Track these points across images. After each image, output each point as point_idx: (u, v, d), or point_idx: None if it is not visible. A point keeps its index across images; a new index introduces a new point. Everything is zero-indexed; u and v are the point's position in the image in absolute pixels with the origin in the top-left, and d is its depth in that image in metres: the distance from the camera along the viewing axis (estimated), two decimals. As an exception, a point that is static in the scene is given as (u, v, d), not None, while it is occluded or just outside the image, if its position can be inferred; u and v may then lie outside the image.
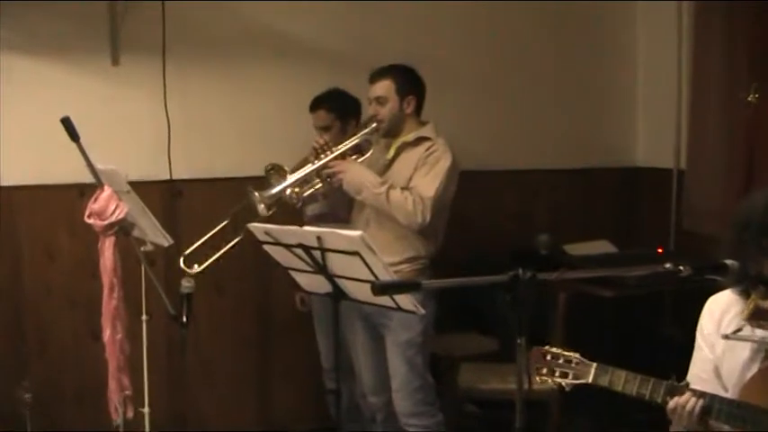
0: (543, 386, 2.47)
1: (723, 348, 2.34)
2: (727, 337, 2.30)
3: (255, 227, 3.07)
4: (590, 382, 2.35)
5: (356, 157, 3.64)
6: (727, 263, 2.24)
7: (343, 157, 3.58)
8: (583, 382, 2.36)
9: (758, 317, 2.26)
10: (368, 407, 3.91)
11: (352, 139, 3.60)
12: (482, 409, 4.28)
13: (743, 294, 2.30)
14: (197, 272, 3.35)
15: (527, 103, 4.91)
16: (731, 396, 2.29)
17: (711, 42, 4.50)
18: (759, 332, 2.28)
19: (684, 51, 4.76)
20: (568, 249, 4.48)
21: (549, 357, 2.41)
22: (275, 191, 3.46)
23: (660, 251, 4.53)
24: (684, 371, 2.41)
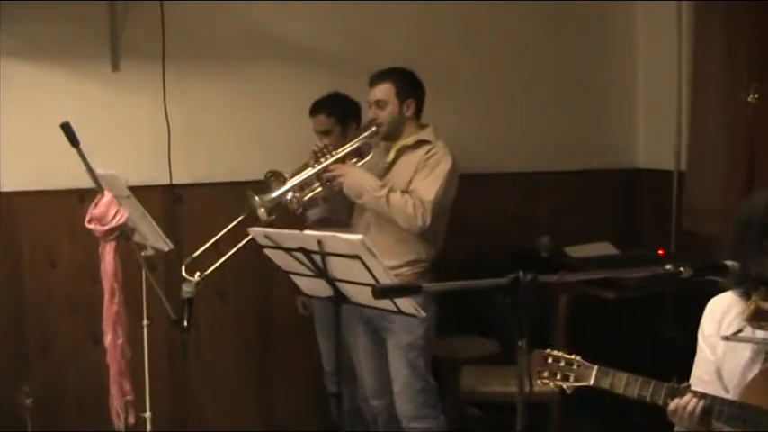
0: (544, 388, 2.47)
1: (724, 349, 2.34)
2: (727, 338, 2.30)
3: (256, 231, 3.07)
4: (591, 384, 2.35)
5: (356, 160, 3.63)
6: (728, 264, 2.24)
7: (343, 160, 3.58)
8: (584, 384, 2.36)
9: (759, 318, 2.26)
10: (369, 410, 3.91)
11: (352, 143, 3.60)
12: (484, 411, 4.28)
13: (743, 295, 2.30)
14: (198, 280, 3.34)
15: (527, 105, 4.90)
16: (732, 397, 2.29)
17: (711, 42, 4.50)
18: (760, 333, 2.28)
19: (684, 52, 4.76)
20: (569, 251, 4.48)
21: (551, 360, 2.41)
22: (275, 195, 3.46)
23: (661, 253, 4.53)
24: (686, 372, 2.41)
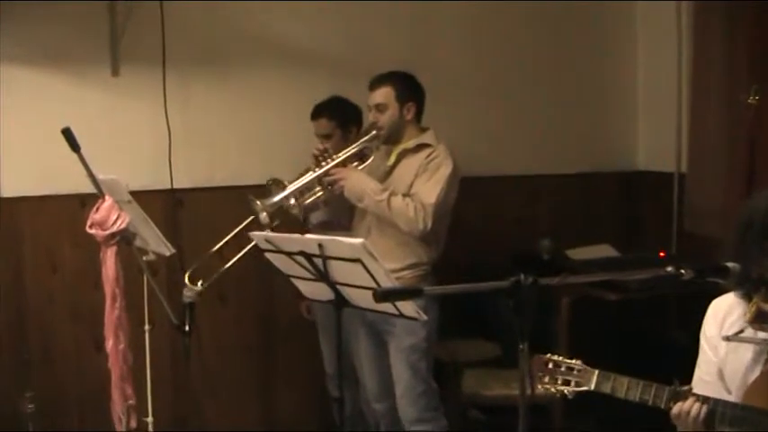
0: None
1: (726, 350, 2.34)
2: (728, 338, 2.30)
3: (257, 235, 3.07)
4: (592, 389, 2.34)
5: (357, 164, 3.64)
6: (729, 265, 2.23)
7: (343, 164, 3.58)
8: (585, 389, 2.35)
9: (761, 319, 2.25)
10: (372, 413, 3.91)
11: (353, 147, 3.61)
12: (486, 414, 4.28)
13: (745, 297, 2.29)
14: (201, 289, 3.32)
15: (527, 108, 4.90)
16: (735, 398, 2.28)
17: (711, 44, 4.49)
18: (762, 334, 2.27)
19: (684, 53, 4.75)
20: (570, 254, 4.48)
21: (551, 365, 2.40)
22: (277, 199, 3.46)
23: (662, 255, 4.53)
24: (689, 373, 2.41)
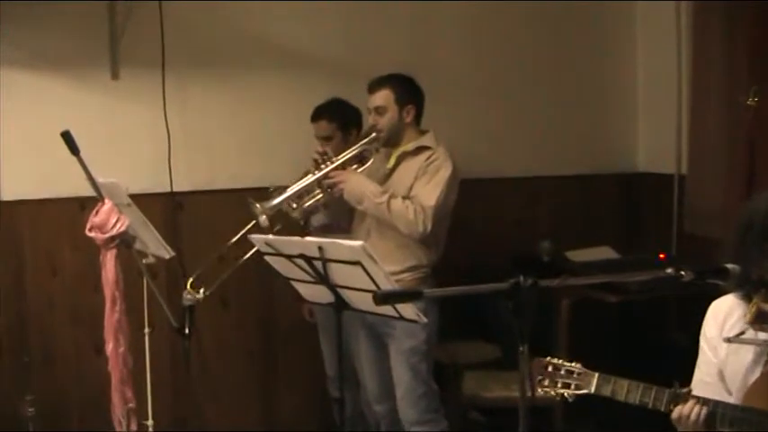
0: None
1: (726, 352, 2.34)
2: (729, 340, 2.30)
3: (257, 238, 3.07)
4: (592, 392, 2.34)
5: (356, 166, 3.63)
6: (729, 267, 2.23)
7: (343, 167, 3.58)
8: (585, 392, 2.35)
9: (761, 320, 2.25)
10: (372, 415, 3.91)
11: (352, 150, 3.60)
12: (486, 416, 4.28)
13: (745, 298, 2.29)
14: (202, 297, 3.31)
15: (527, 110, 4.90)
16: (735, 400, 2.28)
17: (711, 45, 4.49)
18: (762, 335, 2.27)
19: (684, 54, 4.76)
20: (570, 256, 4.48)
21: (551, 368, 2.40)
22: (276, 202, 3.45)
23: (662, 256, 4.53)
24: (689, 375, 2.41)
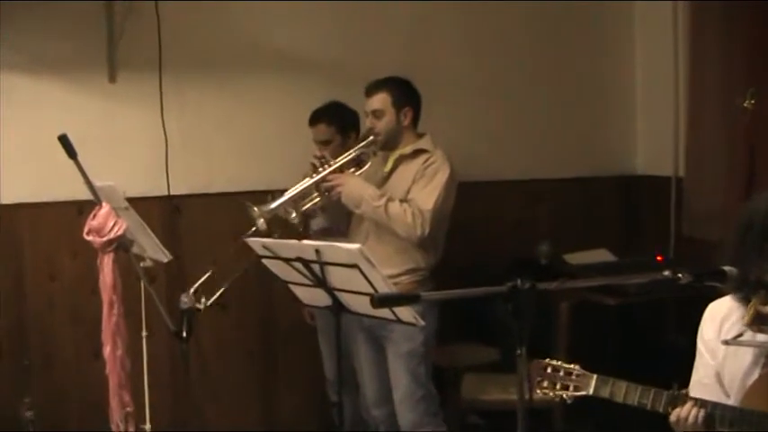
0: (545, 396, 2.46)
1: (724, 354, 2.33)
2: (727, 342, 2.30)
3: (254, 241, 3.07)
4: (591, 393, 2.34)
5: (354, 170, 3.63)
6: (726, 269, 2.23)
7: (341, 170, 3.58)
8: (583, 393, 2.35)
9: (759, 322, 2.25)
10: (372, 419, 3.90)
11: (350, 153, 3.60)
12: (485, 419, 4.28)
13: (743, 300, 2.29)
14: (204, 307, 3.30)
15: (525, 112, 4.90)
16: (733, 401, 2.28)
17: (708, 46, 4.48)
18: (760, 337, 2.27)
19: (681, 57, 4.76)
20: (568, 258, 4.48)
21: (550, 370, 2.40)
22: (274, 205, 3.46)
23: (659, 259, 4.53)
24: (688, 377, 2.41)
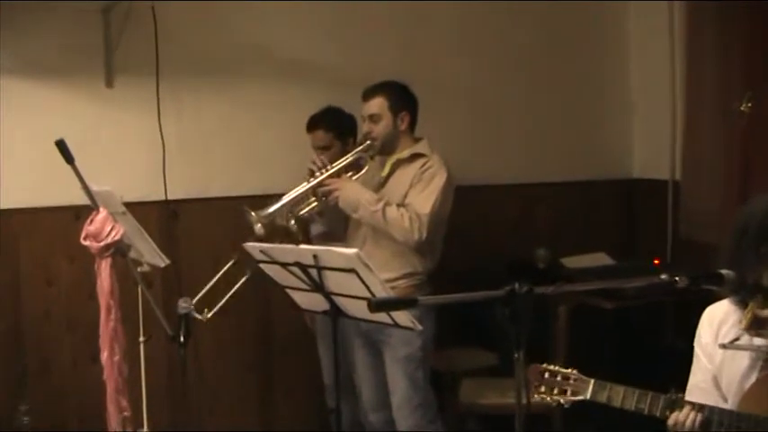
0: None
1: (722, 358, 2.34)
2: (724, 346, 2.30)
3: (252, 246, 3.07)
4: (588, 398, 2.35)
5: (351, 174, 3.63)
6: (723, 273, 2.23)
7: (338, 175, 3.57)
8: (581, 398, 2.35)
9: (756, 326, 2.25)
10: (369, 424, 3.89)
11: (347, 158, 3.60)
12: (483, 424, 4.27)
13: (740, 304, 2.29)
14: (205, 318, 3.28)
15: (522, 117, 4.91)
16: (731, 405, 2.28)
17: (705, 50, 4.49)
18: (757, 341, 2.27)
19: (678, 59, 4.76)
20: (565, 262, 4.49)
21: (547, 375, 2.40)
22: (271, 210, 3.44)
23: (657, 262, 4.53)
24: (686, 380, 2.41)
